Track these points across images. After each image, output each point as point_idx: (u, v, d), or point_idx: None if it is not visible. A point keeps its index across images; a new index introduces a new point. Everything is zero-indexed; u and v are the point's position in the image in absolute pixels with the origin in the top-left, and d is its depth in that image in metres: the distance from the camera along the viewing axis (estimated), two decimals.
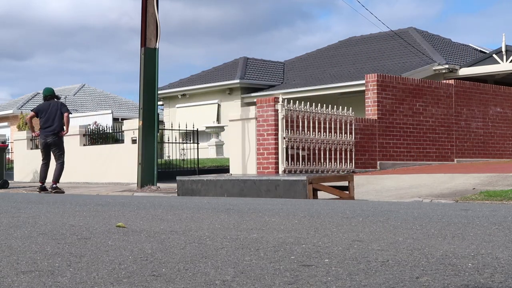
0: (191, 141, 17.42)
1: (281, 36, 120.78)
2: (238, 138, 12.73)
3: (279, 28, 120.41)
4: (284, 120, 11.93)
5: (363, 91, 14.66)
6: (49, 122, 12.07)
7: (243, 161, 12.59)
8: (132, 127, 15.71)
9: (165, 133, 23.52)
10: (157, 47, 12.22)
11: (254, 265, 2.45)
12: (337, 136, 12.85)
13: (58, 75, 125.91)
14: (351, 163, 13.14)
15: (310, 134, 12.33)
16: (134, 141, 15.23)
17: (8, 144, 19.73)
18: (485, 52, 25.86)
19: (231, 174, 11.09)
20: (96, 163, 16.88)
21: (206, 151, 21.01)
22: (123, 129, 16.74)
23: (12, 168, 20.23)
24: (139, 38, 12.19)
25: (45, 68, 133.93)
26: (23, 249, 3.01)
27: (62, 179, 18.14)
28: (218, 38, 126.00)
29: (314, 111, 12.50)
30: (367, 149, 13.65)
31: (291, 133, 12.04)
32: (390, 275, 2.21)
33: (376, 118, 13.89)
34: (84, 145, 17.70)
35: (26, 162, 19.64)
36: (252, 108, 12.65)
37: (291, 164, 11.99)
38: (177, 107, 27.83)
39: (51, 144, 12.15)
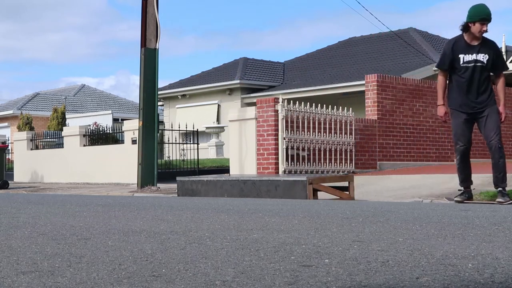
0: (191, 142, 17.43)
1: (281, 36, 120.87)
2: (238, 138, 12.73)
3: (279, 28, 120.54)
4: (284, 121, 11.93)
5: (363, 92, 14.65)
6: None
7: (243, 161, 12.59)
8: (132, 127, 15.72)
9: (165, 133, 23.54)
10: (157, 47, 12.22)
11: (254, 266, 2.45)
12: (337, 136, 12.84)
13: None
14: (351, 164, 13.14)
15: (310, 135, 12.33)
16: (134, 142, 15.25)
17: (8, 145, 19.75)
18: None
19: (229, 175, 11.10)
20: (96, 163, 16.89)
21: (206, 152, 21.02)
22: (123, 129, 16.76)
23: (12, 169, 20.26)
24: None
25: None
26: (23, 249, 3.01)
27: (61, 180, 18.14)
28: (219, 38, 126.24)
29: (314, 111, 12.50)
30: (367, 150, 13.65)
31: (291, 133, 12.03)
32: (390, 276, 2.21)
33: (376, 119, 13.89)
34: (84, 145, 17.71)
35: (26, 163, 19.66)
36: (252, 108, 12.64)
37: (291, 164, 11.99)
38: (177, 108, 27.85)
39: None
